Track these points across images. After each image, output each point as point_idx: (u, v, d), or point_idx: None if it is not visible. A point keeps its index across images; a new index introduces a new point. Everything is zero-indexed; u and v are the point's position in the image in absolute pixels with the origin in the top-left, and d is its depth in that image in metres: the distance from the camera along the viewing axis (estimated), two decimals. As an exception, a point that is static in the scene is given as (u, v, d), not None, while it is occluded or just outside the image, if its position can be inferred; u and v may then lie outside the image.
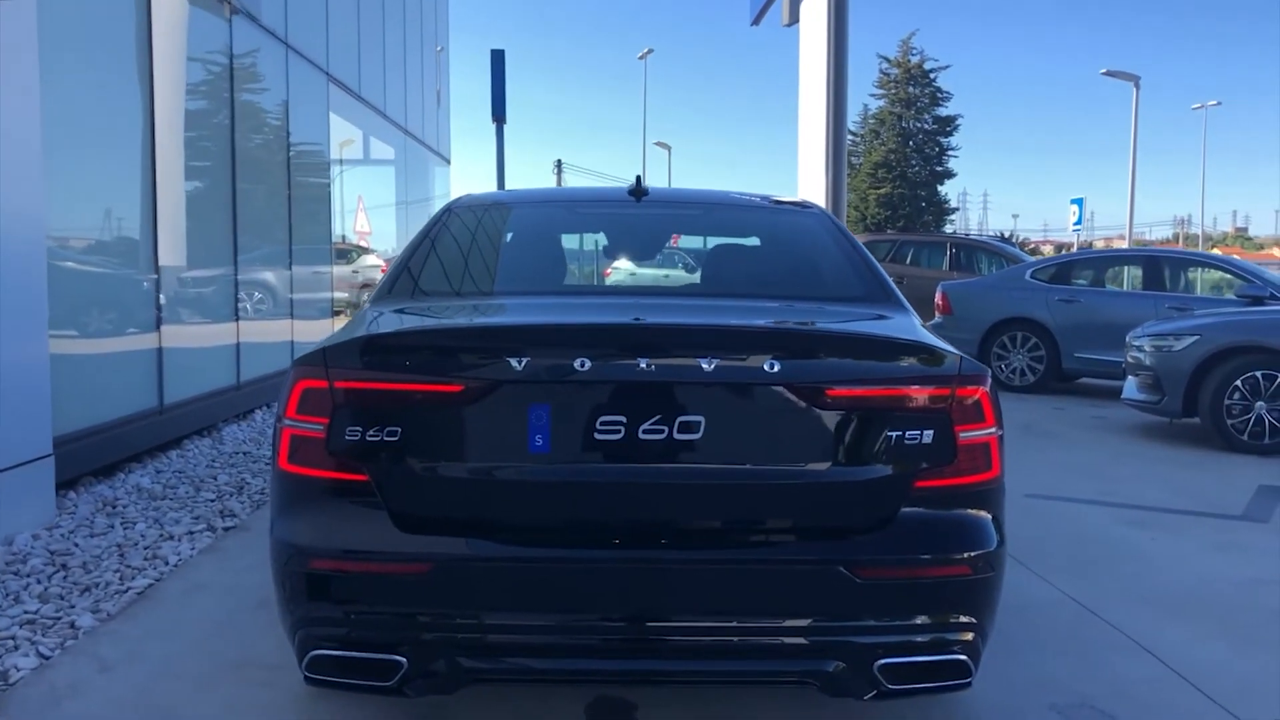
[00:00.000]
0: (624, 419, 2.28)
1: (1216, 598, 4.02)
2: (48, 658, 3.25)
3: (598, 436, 2.29)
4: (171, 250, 6.53)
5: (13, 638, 3.38)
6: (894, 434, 2.32)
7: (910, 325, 2.68)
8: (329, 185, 10.56)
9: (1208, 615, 3.80)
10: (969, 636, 2.36)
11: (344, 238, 12.35)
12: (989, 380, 2.43)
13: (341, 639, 2.31)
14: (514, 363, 2.27)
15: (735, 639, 2.31)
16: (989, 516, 2.41)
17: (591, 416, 2.29)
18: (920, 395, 2.36)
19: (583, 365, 2.27)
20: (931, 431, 2.34)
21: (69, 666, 3.19)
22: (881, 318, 2.77)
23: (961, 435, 2.36)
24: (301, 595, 2.35)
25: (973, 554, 2.35)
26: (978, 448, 2.39)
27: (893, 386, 2.35)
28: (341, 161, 11.78)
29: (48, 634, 3.44)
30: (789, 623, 2.29)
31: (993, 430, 2.41)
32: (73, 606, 3.70)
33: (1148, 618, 3.72)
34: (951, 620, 2.35)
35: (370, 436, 2.30)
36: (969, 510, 2.40)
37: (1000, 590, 2.43)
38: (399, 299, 2.90)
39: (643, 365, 2.27)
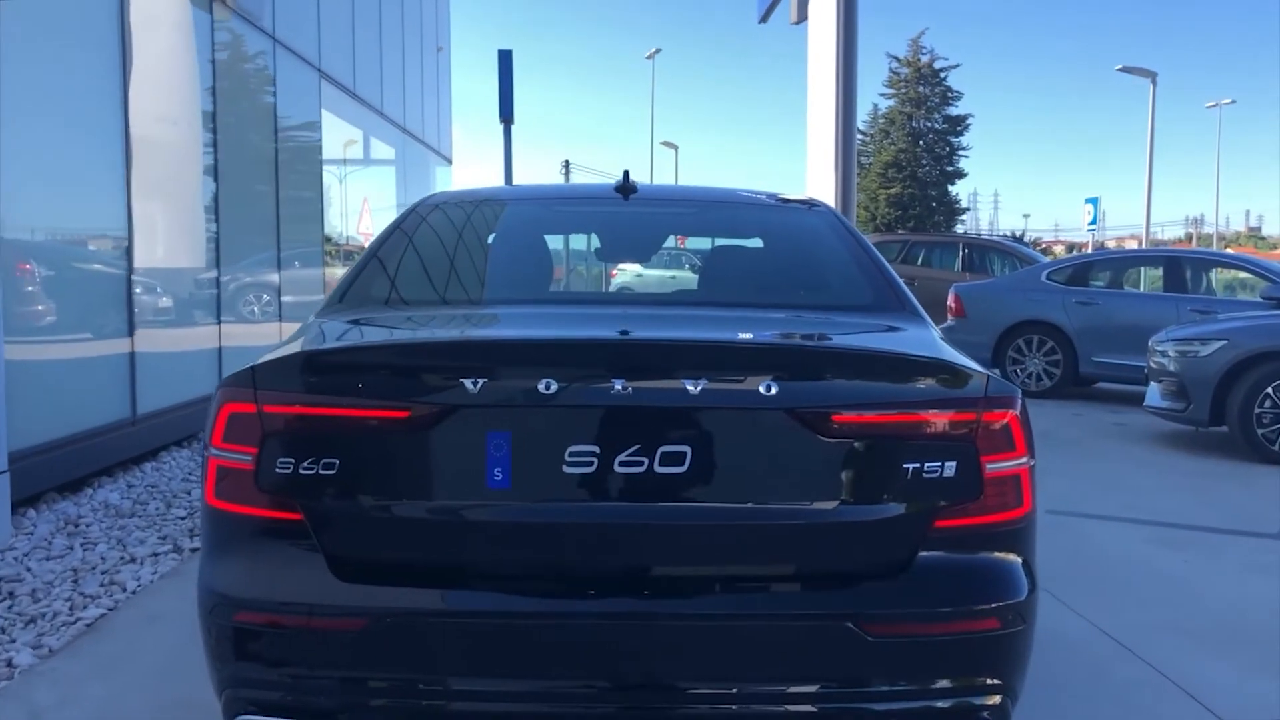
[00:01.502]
0: (597, 450, 1.96)
1: (1262, 628, 3.68)
2: (-25, 702, 2.95)
3: (566, 470, 1.97)
4: (148, 250, 6.24)
5: (-61, 678, 3.08)
6: (910, 466, 2.00)
7: (928, 339, 2.35)
8: (321, 184, 10.27)
9: (1254, 649, 3.46)
10: (996, 700, 2.03)
11: (348, 239, 12.08)
12: (1020, 402, 2.10)
13: (271, 704, 2.00)
14: (468, 384, 1.95)
15: (728, 706, 1.99)
16: (1019, 560, 2.09)
17: (559, 447, 1.97)
18: (940, 421, 2.03)
19: (548, 387, 1.95)
20: (954, 463, 2.01)
21: (-5, 713, 2.89)
22: (894, 329, 2.45)
23: (988, 467, 2.03)
24: (227, 651, 2.03)
25: (1001, 604, 2.02)
26: (1007, 481, 2.06)
27: (909, 411, 2.02)
28: (343, 161, 11.52)
29: (-20, 673, 3.14)
30: (790, 688, 1.97)
31: (1024, 460, 2.08)
32: (13, 641, 3.41)
33: (1188, 653, 3.39)
34: (977, 682, 2.02)
35: (304, 469, 1.98)
36: (996, 554, 2.07)
37: (1031, 645, 2.10)
38: (349, 310, 2.58)
39: (618, 388, 1.95)
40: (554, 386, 1.94)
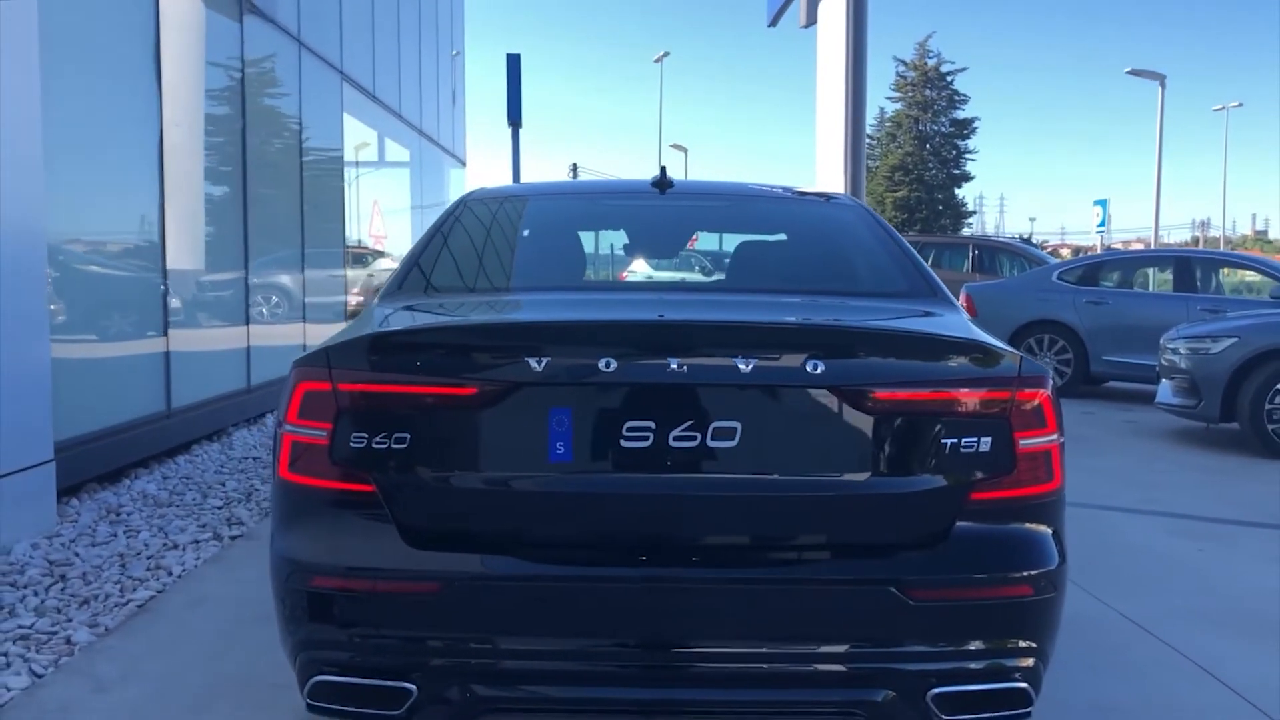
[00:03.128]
0: (653, 425, 2.09)
1: (1277, 613, 3.78)
2: (41, 676, 3.08)
3: (624, 444, 2.09)
4: (180, 252, 6.38)
5: (4, 654, 3.21)
6: (948, 441, 2.12)
7: (962, 322, 2.48)
8: (343, 186, 10.42)
9: (1271, 633, 3.57)
10: (1029, 662, 2.15)
11: (360, 242, 12.22)
12: (1050, 382, 2.23)
13: (346, 664, 2.12)
14: (533, 363, 2.08)
15: (774, 666, 2.11)
16: (1050, 531, 2.21)
17: (617, 422, 2.09)
18: (977, 399, 2.16)
19: (608, 366, 2.07)
20: (989, 439, 2.14)
21: (62, 686, 3.01)
22: (930, 314, 2.57)
23: (1021, 443, 2.16)
24: (303, 616, 2.16)
25: (1034, 572, 2.15)
26: (1038, 456, 2.18)
27: (947, 389, 2.15)
28: (357, 163, 11.65)
29: (42, 650, 3.27)
30: (834, 648, 2.09)
31: (1054, 437, 2.21)
32: (70, 620, 3.53)
33: (1206, 636, 3.50)
34: (1010, 645, 2.14)
35: (377, 443, 2.11)
36: (1029, 525, 2.19)
37: (1062, 611, 2.23)
38: (409, 295, 2.72)
39: (673, 366, 2.08)
40: (613, 365, 2.07)
